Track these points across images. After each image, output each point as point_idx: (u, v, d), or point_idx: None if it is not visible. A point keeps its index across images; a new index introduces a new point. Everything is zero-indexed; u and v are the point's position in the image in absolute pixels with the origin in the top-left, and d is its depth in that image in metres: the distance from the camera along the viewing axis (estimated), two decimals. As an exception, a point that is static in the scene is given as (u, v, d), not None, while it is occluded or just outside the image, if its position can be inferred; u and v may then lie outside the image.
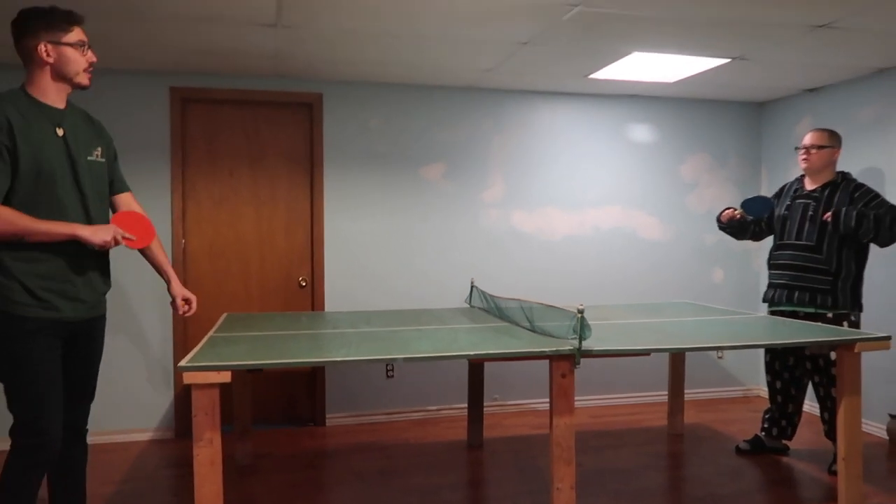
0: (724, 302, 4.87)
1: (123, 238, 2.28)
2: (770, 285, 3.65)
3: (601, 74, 4.11)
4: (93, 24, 3.06)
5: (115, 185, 2.52)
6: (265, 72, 4.07)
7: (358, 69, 4.03)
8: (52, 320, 2.17)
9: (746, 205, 3.68)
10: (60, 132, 2.22)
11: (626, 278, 4.85)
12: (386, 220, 4.44)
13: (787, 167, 4.71)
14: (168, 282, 2.57)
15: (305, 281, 4.34)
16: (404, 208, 4.47)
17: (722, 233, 3.94)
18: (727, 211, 3.75)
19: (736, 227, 3.81)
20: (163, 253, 2.59)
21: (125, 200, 2.53)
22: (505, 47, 3.55)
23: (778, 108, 4.90)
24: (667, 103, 4.90)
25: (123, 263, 3.01)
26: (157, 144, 4.08)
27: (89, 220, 2.28)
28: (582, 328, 2.46)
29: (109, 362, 3.97)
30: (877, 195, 3.38)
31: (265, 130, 4.30)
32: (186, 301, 2.59)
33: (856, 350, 2.75)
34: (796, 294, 3.47)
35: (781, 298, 3.55)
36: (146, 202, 3.98)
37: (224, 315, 3.55)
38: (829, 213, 3.34)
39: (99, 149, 2.38)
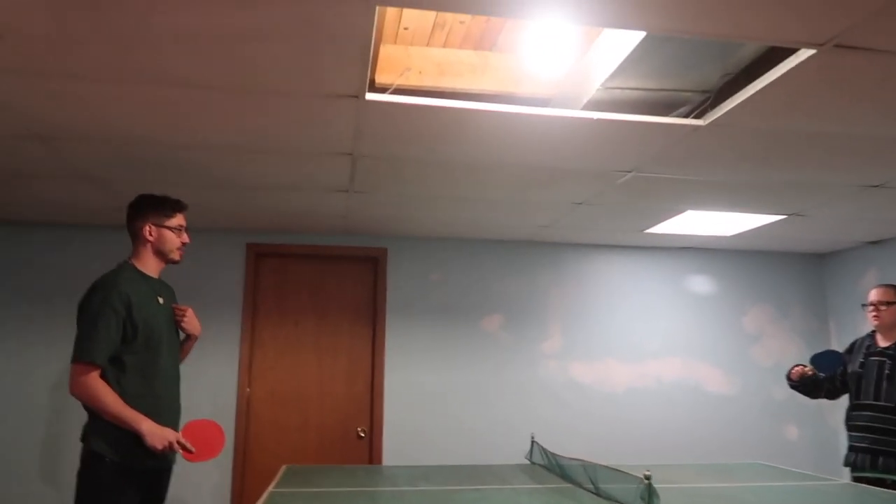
0: (799, 463, 4.56)
1: (182, 448, 2.36)
2: (851, 448, 3.44)
3: (656, 229, 4.22)
4: (183, 192, 3.41)
5: None
6: (335, 229, 4.34)
7: (421, 226, 4.26)
8: (131, 469, 2.33)
9: (816, 360, 3.56)
10: (161, 300, 2.48)
11: (692, 433, 4.65)
12: (445, 370, 4.47)
13: (856, 320, 4.57)
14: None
15: (364, 432, 4.34)
16: (464, 359, 4.50)
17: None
18: (797, 368, 3.63)
19: (809, 385, 3.66)
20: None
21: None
22: (561, 207, 3.72)
23: (841, 259, 4.86)
24: (725, 255, 4.93)
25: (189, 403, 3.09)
26: (231, 295, 4.31)
27: (175, 374, 2.54)
28: (650, 496, 2.37)
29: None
30: None
31: (331, 282, 4.50)
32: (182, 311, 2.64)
33: (954, 527, 2.53)
34: (881, 460, 3.25)
35: (865, 464, 3.32)
36: (217, 351, 4.21)
37: (283, 468, 3.54)
38: None
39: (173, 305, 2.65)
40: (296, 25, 1.81)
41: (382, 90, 2.43)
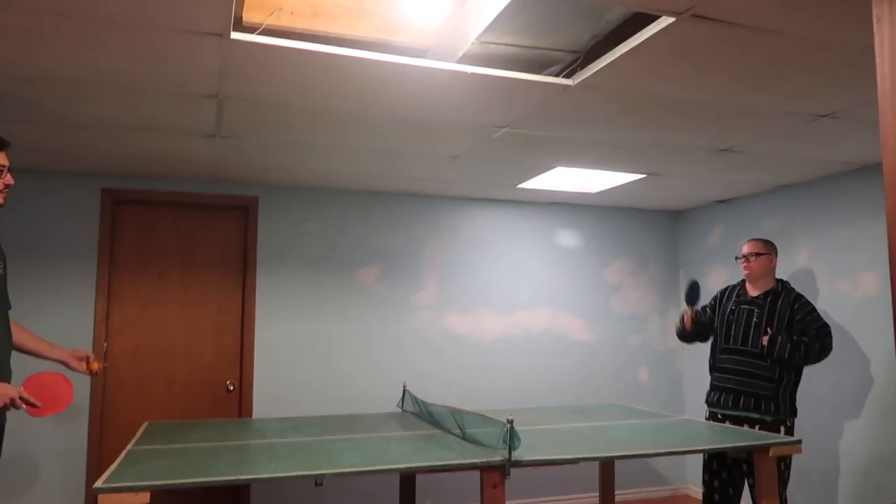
0: (648, 401, 5.00)
1: (26, 404, 2.19)
2: (714, 388, 3.69)
3: (528, 185, 4.35)
4: (27, 130, 3.09)
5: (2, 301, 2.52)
6: (202, 176, 4.11)
7: (294, 175, 4.13)
8: None
9: (690, 297, 3.73)
10: None
11: (557, 379, 4.94)
12: (319, 322, 4.43)
13: (703, 271, 5.00)
14: (62, 361, 2.59)
15: (233, 385, 4.23)
16: (338, 311, 4.48)
17: (645, 335, 4.07)
18: (687, 314, 3.76)
19: (700, 327, 3.80)
20: (36, 342, 2.59)
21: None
22: (437, 160, 3.73)
23: (692, 216, 5.26)
24: (591, 210, 5.19)
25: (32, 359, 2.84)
26: (85, 245, 4.00)
27: (7, 335, 2.29)
28: (511, 439, 2.50)
29: (11, 475, 3.71)
30: (813, 309, 3.52)
31: (198, 232, 4.29)
32: (81, 359, 2.59)
33: (770, 454, 2.87)
34: (742, 399, 3.54)
35: (727, 402, 3.58)
36: (69, 305, 3.93)
37: (145, 424, 3.40)
38: (765, 337, 3.45)
39: (1, 263, 2.42)
40: (149, -49, 1.65)
41: (251, 30, 2.29)
